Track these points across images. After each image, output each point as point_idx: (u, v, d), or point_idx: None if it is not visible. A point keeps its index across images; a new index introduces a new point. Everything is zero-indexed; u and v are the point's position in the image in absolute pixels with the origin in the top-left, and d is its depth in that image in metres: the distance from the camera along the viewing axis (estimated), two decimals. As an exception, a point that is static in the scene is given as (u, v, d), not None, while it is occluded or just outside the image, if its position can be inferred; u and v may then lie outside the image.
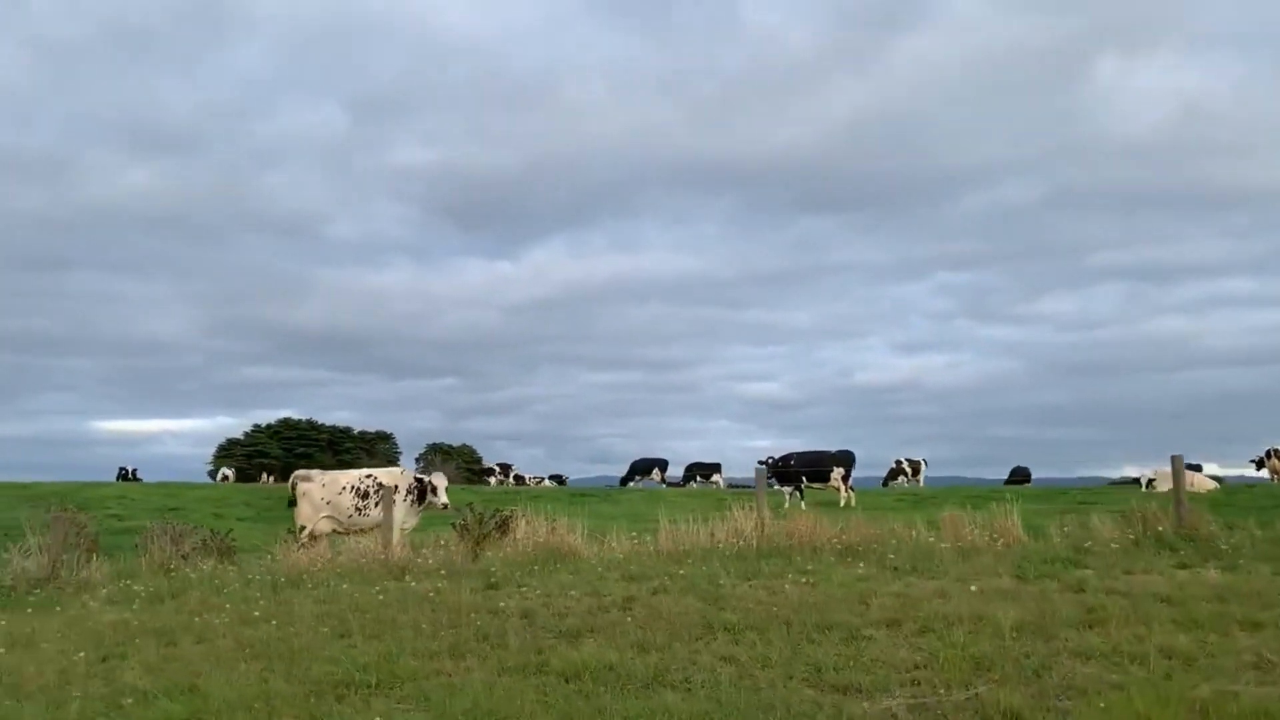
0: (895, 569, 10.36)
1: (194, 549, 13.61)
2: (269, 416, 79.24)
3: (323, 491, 15.43)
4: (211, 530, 14.37)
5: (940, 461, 57.77)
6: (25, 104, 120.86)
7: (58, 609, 11.02)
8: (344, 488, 15.46)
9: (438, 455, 62.88)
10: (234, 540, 14.48)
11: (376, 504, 15.29)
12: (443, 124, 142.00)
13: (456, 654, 8.19)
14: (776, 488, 31.57)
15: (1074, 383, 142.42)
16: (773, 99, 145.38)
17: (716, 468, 47.45)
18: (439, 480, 15.55)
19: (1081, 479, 52.17)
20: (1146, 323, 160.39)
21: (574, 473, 49.91)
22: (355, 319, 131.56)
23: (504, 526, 12.65)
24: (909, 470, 43.63)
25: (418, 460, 68.17)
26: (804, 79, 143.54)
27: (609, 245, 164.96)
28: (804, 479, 30.15)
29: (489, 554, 12.34)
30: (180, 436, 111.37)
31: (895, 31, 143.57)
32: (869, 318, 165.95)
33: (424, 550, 12.71)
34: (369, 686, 7.42)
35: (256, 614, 9.59)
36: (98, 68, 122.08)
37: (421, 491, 15.42)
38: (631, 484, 45.80)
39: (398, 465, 63.99)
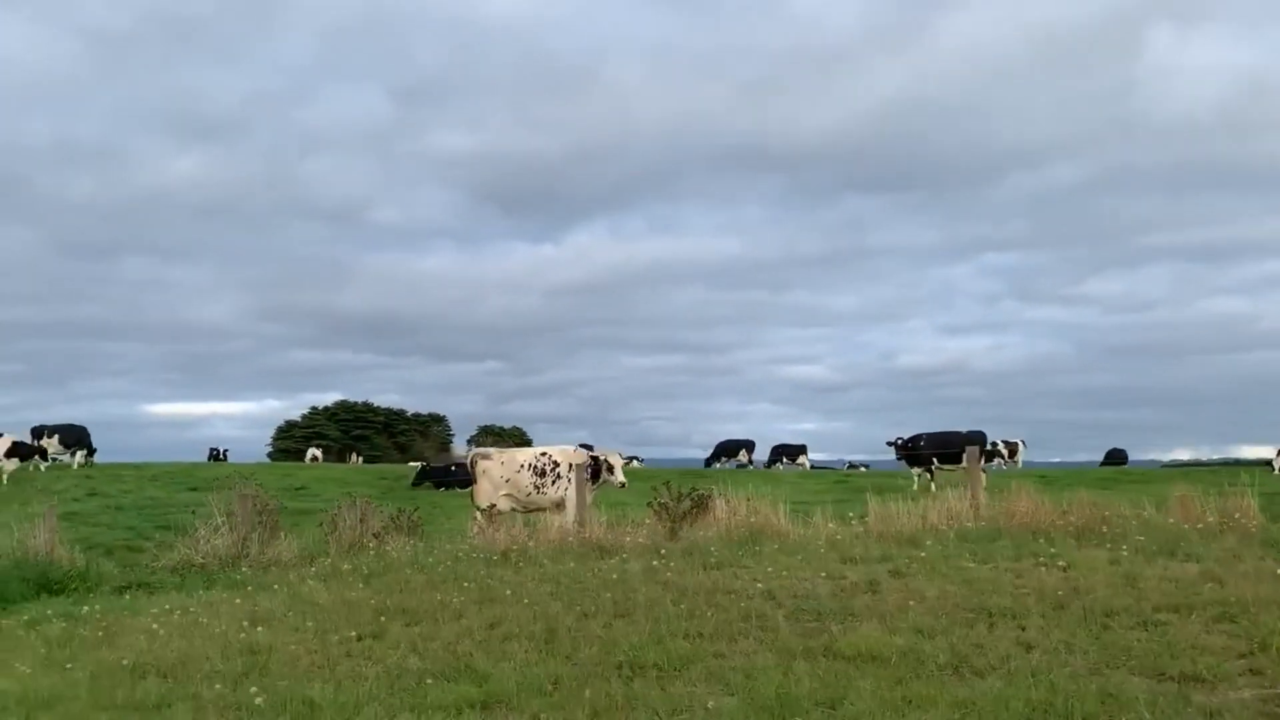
0: (1144, 551, 9.87)
1: (384, 527, 13.58)
2: (317, 400, 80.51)
3: (502, 469, 15.35)
4: (399, 508, 14.35)
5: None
6: (76, 94, 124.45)
7: (276, 587, 11.03)
8: (521, 466, 15.36)
9: (489, 437, 63.29)
10: (420, 519, 14.43)
11: (553, 482, 15.18)
12: (485, 109, 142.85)
13: (725, 636, 7.94)
14: (906, 469, 31.05)
15: (1123, 365, 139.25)
16: (817, 79, 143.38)
17: (803, 449, 46.99)
18: (615, 459, 15.37)
19: (1134, 463, 50.45)
20: (1199, 304, 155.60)
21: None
22: (400, 303, 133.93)
23: (702, 505, 12.40)
24: (1005, 452, 42.36)
25: (469, 442, 68.92)
26: (849, 58, 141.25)
27: (651, 228, 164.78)
28: (934, 460, 29.50)
29: (687, 533, 12.10)
30: (230, 419, 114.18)
31: (942, 9, 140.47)
32: (914, 300, 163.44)
33: (623, 529, 12.49)
34: (655, 668, 7.20)
35: (509, 592, 9.44)
36: (145, 57, 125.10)
37: (596, 470, 15.25)
38: (716, 465, 45.24)
39: (455, 447, 64.68)
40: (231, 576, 12.61)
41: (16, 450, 33.18)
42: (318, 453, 58.64)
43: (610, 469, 15.34)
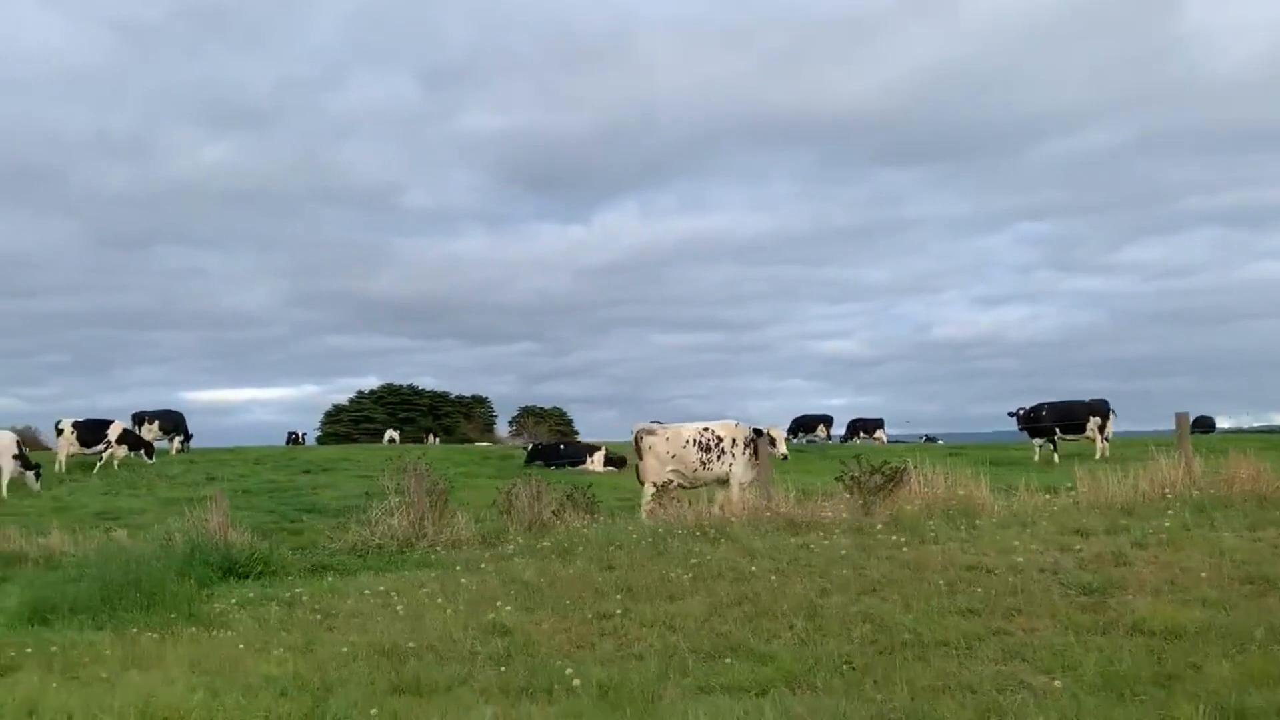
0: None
1: (561, 505, 13.46)
2: (353, 384, 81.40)
3: (667, 445, 15.16)
4: (574, 485, 14.22)
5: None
6: (108, 85, 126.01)
7: (482, 566, 10.91)
8: (687, 441, 15.15)
9: (530, 418, 63.23)
10: (595, 497, 14.30)
11: (718, 457, 14.97)
12: (513, 89, 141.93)
13: (998, 611, 7.64)
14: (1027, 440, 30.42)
15: (1162, 333, 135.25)
16: (847, 48, 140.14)
17: (880, 423, 46.42)
18: (777, 432, 15.12)
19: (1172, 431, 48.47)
20: (1241, 269, 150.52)
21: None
22: (432, 287, 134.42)
23: (897, 478, 12.07)
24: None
25: (510, 424, 69.27)
26: (879, 26, 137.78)
27: (681, 205, 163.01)
28: (1057, 430, 28.82)
29: (881, 507, 11.78)
30: (268, 405, 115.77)
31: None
32: (948, 271, 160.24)
33: (812, 504, 12.21)
34: (942, 646, 6.94)
35: (753, 569, 9.22)
36: (177, 48, 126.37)
37: (760, 444, 14.98)
38: (793, 441, 44.57)
39: (497, 428, 64.81)
40: (418, 556, 12.56)
41: (126, 438, 33.12)
42: (395, 435, 59.11)
43: (773, 443, 15.07)
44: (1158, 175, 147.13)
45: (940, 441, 48.32)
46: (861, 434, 45.39)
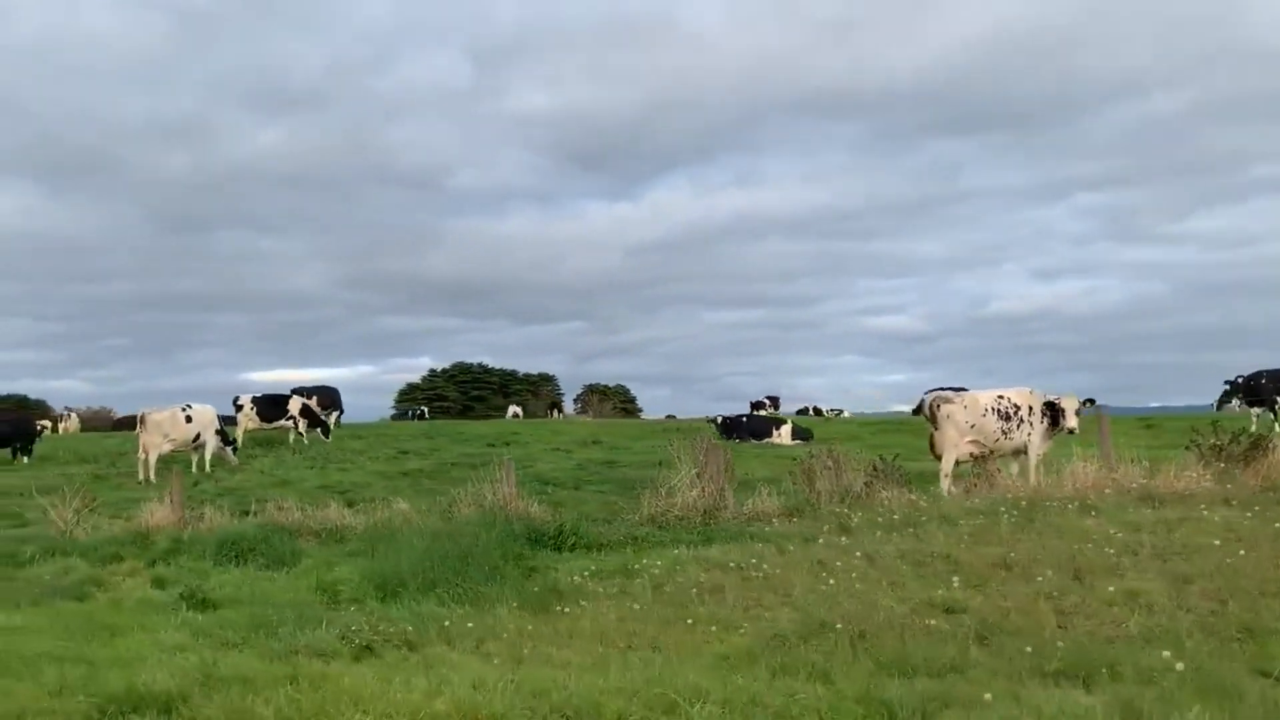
0: None
1: (870, 479, 12.89)
2: (406, 364, 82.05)
3: (966, 414, 14.47)
4: (880, 457, 13.66)
5: (1080, 391, 53.01)
6: (165, 71, 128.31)
7: (842, 539, 10.41)
8: (986, 409, 14.44)
9: (594, 395, 63.05)
10: (903, 468, 13.71)
11: (1017, 426, 14.24)
12: (561, 66, 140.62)
13: None
14: (1239, 408, 28.87)
15: (1226, 304, 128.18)
16: (899, 17, 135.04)
17: None
18: (1068, 403, 14.30)
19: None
20: None
21: (697, 412, 46.90)
22: (483, 267, 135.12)
23: (1259, 446, 11.21)
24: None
25: (575, 401, 69.41)
26: None
27: (731, 181, 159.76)
28: (1278, 399, 27.24)
29: (1242, 478, 10.94)
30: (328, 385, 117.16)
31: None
32: (1004, 244, 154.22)
33: (1163, 476, 11.40)
34: None
35: (1207, 543, 8.53)
36: (230, 32, 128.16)
37: (1054, 415, 14.23)
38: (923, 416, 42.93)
39: (565, 405, 64.71)
40: (733, 528, 12.15)
41: (306, 413, 33.15)
42: (519, 410, 59.62)
43: (1064, 414, 14.27)
44: (1222, 142, 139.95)
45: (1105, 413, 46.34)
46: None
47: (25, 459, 27.66)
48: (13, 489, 21.96)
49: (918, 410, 14.49)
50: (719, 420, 31.36)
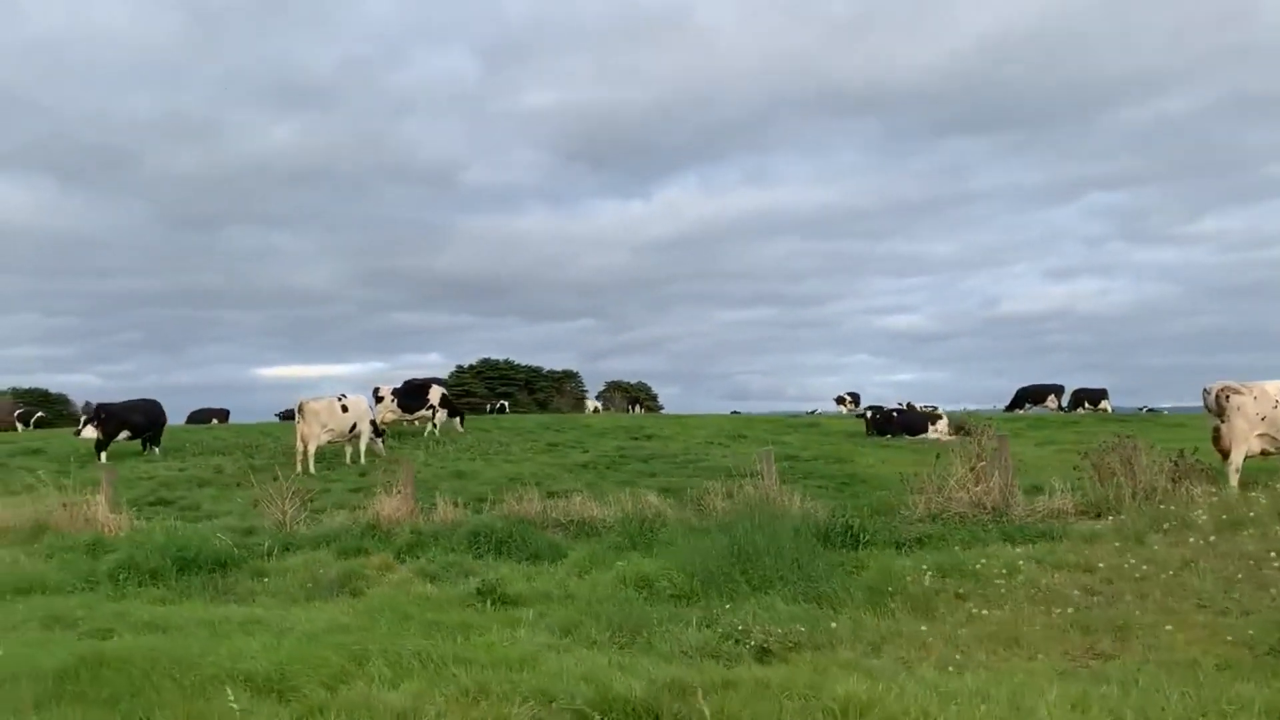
0: None
1: (1176, 474, 11.99)
2: (416, 361, 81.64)
3: (1256, 405, 13.49)
4: (1180, 452, 12.73)
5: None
6: (177, 67, 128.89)
7: (1191, 539, 9.56)
8: (1276, 401, 13.46)
9: (617, 392, 63.50)
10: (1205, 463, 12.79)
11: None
12: (572, 64, 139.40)
13: None
14: None
15: (1240, 306, 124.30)
16: (912, 15, 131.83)
17: (1104, 393, 43.25)
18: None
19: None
20: None
21: (709, 409, 45.68)
22: (494, 265, 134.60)
23: None
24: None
25: (598, 398, 69.22)
26: None
27: (742, 179, 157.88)
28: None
29: None
30: (338, 382, 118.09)
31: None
32: (1016, 244, 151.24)
33: None
34: None
35: None
36: (242, 29, 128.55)
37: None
38: (1020, 411, 41.74)
39: (589, 402, 64.17)
40: (1039, 527, 11.35)
41: (447, 402, 32.34)
42: (598, 404, 59.06)
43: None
44: (1239, 141, 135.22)
45: (1164, 412, 44.92)
46: (1086, 404, 42.54)
47: (156, 450, 27.42)
48: (175, 481, 21.82)
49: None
50: (869, 414, 30.42)
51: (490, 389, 77.33)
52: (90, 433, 31.89)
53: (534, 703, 5.76)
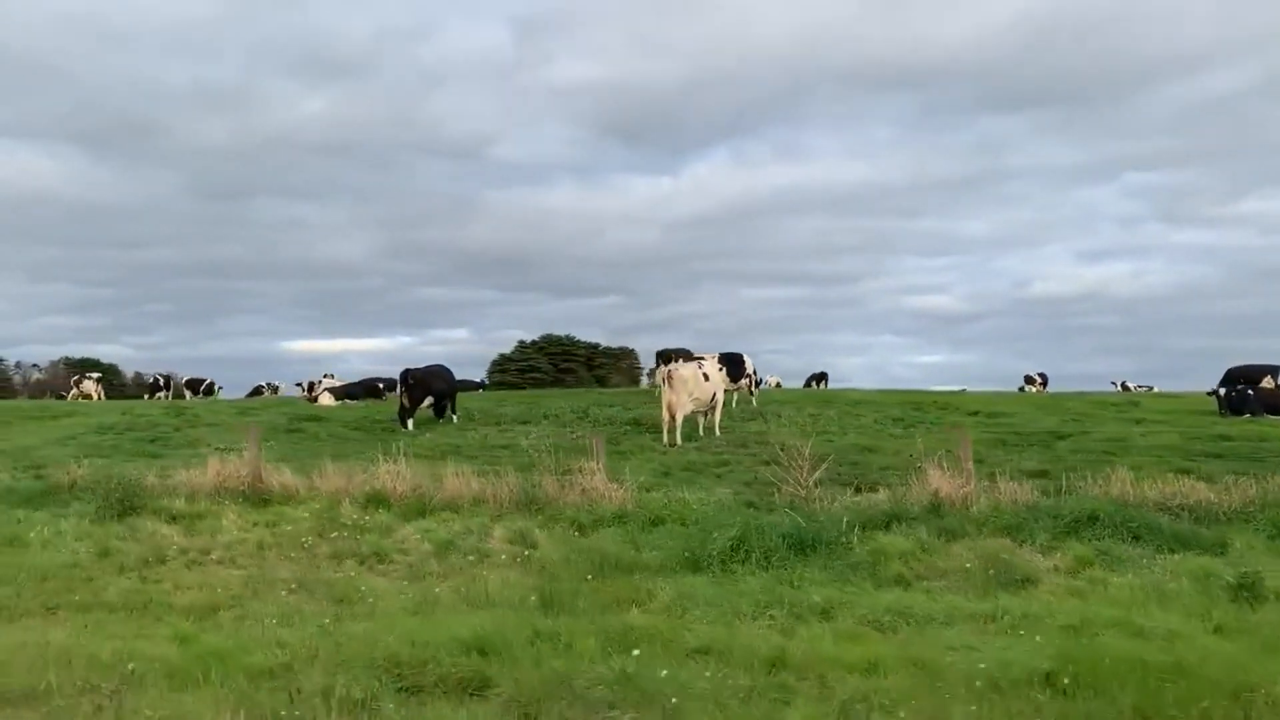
0: None
1: None
2: (444, 336, 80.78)
3: None
4: None
5: (1124, 375, 49.32)
6: (209, 37, 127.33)
7: None
8: None
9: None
10: None
11: None
12: (604, 38, 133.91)
13: None
14: None
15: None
16: None
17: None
18: None
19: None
20: None
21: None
22: (522, 239, 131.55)
23: None
24: None
25: (648, 375, 68.38)
26: None
27: (774, 155, 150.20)
28: None
29: None
30: (365, 355, 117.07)
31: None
32: (1050, 224, 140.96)
33: None
34: None
35: None
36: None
37: None
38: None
39: (643, 380, 61.99)
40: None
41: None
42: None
43: None
44: None
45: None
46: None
47: (455, 417, 26.71)
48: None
49: None
50: (1223, 394, 27.68)
51: (554, 364, 77.67)
52: (327, 399, 32.17)
53: None
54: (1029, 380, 49.02)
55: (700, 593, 9.19)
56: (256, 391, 48.63)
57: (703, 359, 27.12)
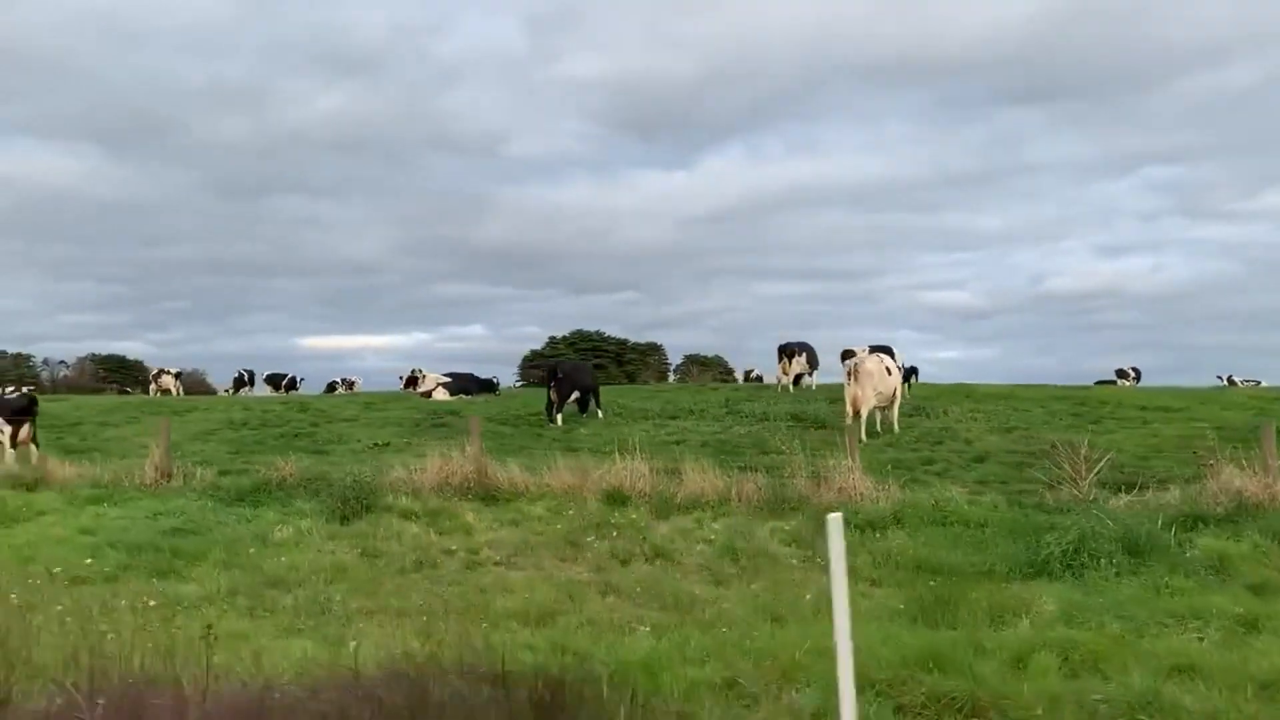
0: None
1: None
2: (459, 333, 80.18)
3: None
4: None
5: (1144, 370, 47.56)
6: (226, 35, 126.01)
7: None
8: None
9: (695, 366, 62.34)
10: None
11: None
12: (618, 32, 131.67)
13: None
14: None
15: None
16: None
17: None
18: None
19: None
20: None
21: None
22: (536, 236, 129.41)
23: None
24: None
25: (677, 371, 68.29)
26: None
27: (789, 150, 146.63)
28: None
29: None
30: (381, 352, 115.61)
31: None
32: (1068, 219, 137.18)
33: None
34: None
35: None
36: None
37: None
38: None
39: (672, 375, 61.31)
40: None
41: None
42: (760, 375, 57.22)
43: None
44: None
45: None
46: None
47: (600, 413, 26.09)
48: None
49: None
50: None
51: (584, 359, 77.40)
52: (442, 394, 31.73)
53: None
54: (1121, 374, 47.77)
55: (1078, 600, 8.47)
56: (238, 380, 48.33)
57: (862, 351, 26.24)
